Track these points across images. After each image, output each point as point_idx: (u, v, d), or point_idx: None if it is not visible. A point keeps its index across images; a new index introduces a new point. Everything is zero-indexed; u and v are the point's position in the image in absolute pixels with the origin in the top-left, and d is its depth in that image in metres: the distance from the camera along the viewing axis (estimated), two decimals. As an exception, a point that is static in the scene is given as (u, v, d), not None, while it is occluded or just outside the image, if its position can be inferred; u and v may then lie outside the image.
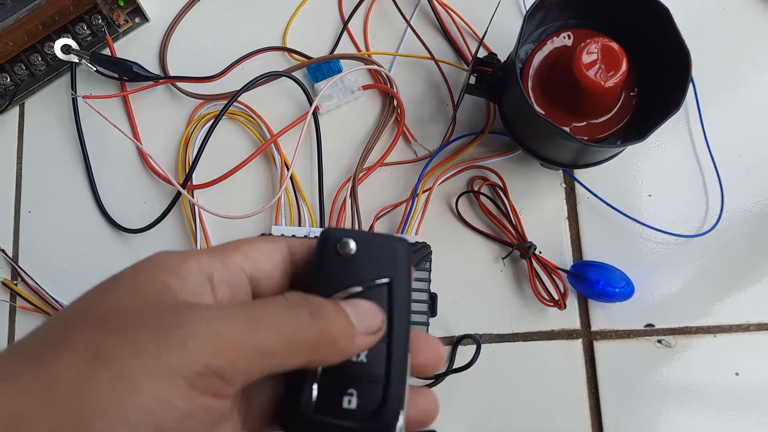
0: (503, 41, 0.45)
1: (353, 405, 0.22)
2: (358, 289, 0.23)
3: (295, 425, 0.22)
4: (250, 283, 0.22)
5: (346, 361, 0.22)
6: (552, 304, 0.42)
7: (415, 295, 0.40)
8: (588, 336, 0.43)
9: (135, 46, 0.48)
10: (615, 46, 0.36)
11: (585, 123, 0.40)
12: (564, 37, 0.41)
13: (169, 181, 0.44)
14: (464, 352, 0.43)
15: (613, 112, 0.40)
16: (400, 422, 0.22)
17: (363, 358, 0.22)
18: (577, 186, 0.45)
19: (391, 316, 0.23)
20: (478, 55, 0.42)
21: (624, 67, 0.36)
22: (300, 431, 0.22)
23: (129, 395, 0.17)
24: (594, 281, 0.42)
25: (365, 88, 0.46)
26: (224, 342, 0.18)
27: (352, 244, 0.23)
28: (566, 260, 0.44)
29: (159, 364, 0.17)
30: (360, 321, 0.21)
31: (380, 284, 0.23)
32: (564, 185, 0.46)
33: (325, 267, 0.23)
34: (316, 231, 0.42)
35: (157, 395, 0.17)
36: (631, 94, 0.40)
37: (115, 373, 0.17)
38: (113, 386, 0.17)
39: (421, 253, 0.41)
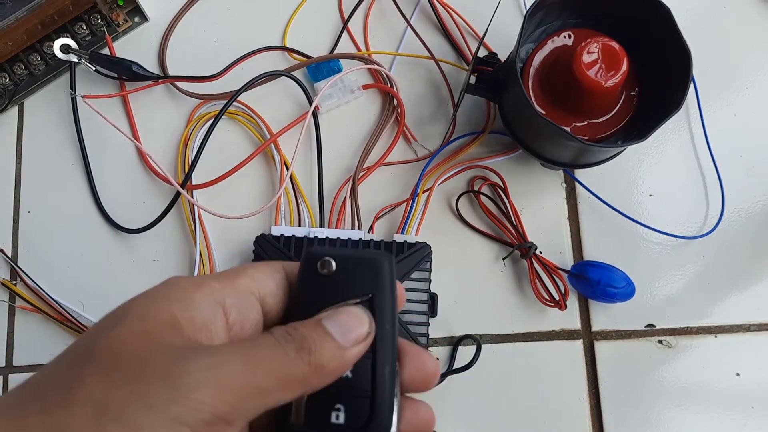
0: (504, 41, 0.45)
1: (341, 420, 0.22)
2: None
3: None
4: (258, 302, 0.23)
5: None
6: (552, 304, 0.42)
7: (415, 296, 0.40)
8: (588, 336, 0.43)
9: (134, 46, 0.48)
10: (615, 45, 0.36)
11: (585, 123, 0.40)
12: (564, 37, 0.40)
13: (168, 181, 0.44)
14: (464, 353, 0.43)
15: (613, 112, 0.40)
16: None
17: (348, 373, 0.23)
18: (578, 186, 0.45)
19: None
20: (479, 55, 0.41)
21: (624, 66, 0.36)
22: None
23: None
24: (595, 281, 0.41)
25: (365, 87, 0.46)
26: (226, 388, 0.19)
27: (332, 263, 0.23)
28: (567, 260, 0.44)
29: (167, 416, 0.18)
30: (345, 334, 0.22)
31: (362, 300, 0.23)
32: (564, 185, 0.46)
33: (309, 287, 0.24)
34: (316, 231, 0.42)
35: None
36: (632, 93, 0.40)
37: (125, 426, 0.18)
38: None
39: (421, 254, 0.41)
